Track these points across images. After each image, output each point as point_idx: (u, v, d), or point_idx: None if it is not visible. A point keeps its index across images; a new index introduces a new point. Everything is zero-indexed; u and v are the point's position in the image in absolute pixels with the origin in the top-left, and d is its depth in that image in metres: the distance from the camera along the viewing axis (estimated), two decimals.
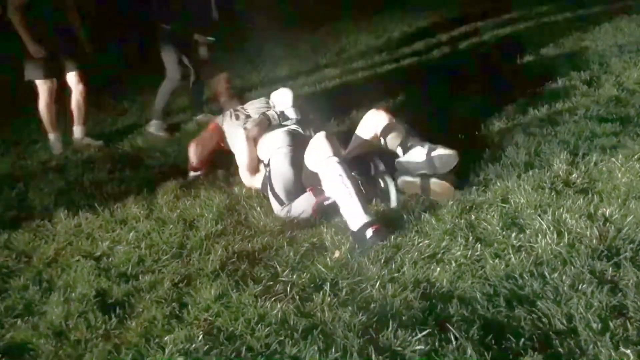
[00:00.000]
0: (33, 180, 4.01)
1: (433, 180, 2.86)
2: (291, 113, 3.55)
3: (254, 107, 3.74)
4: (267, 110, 3.58)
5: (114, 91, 6.86)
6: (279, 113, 3.54)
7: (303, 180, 3.00)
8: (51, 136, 4.81)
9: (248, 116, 3.63)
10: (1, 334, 2.24)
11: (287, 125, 3.42)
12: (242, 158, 3.34)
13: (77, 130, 4.94)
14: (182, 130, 5.00)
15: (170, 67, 4.76)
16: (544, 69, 4.94)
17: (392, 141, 3.04)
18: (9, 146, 5.12)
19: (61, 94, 4.77)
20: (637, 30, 5.71)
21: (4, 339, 2.21)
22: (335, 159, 2.75)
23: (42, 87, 4.56)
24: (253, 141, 3.33)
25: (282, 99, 3.63)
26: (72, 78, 4.70)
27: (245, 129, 3.33)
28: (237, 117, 3.63)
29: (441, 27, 7.80)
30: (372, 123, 3.11)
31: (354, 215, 2.58)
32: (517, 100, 4.20)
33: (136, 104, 6.35)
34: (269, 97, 3.82)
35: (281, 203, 2.97)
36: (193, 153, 3.69)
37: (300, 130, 3.39)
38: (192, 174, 3.72)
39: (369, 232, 2.50)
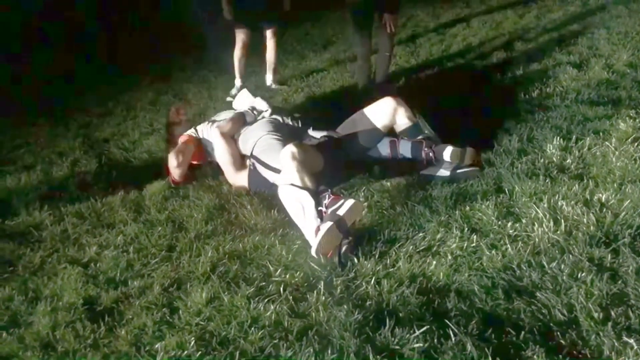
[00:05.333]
0: (17, 186, 3.92)
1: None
2: (261, 104, 3.56)
3: (224, 115, 3.73)
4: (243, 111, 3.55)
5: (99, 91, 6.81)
6: (251, 109, 3.53)
7: None
8: (237, 81, 5.69)
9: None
10: None
11: (264, 117, 3.44)
12: (222, 156, 3.29)
13: (269, 78, 5.81)
14: None
15: None
16: (532, 54, 4.91)
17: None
18: None
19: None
20: (624, 11, 5.67)
21: None
22: (291, 189, 2.56)
23: (238, 37, 5.46)
24: (231, 138, 3.31)
25: (243, 99, 3.68)
26: (269, 33, 5.53)
27: (218, 126, 3.34)
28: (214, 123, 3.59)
29: (430, 16, 7.77)
30: (392, 117, 3.14)
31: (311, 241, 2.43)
32: (507, 86, 4.16)
33: (121, 105, 6.26)
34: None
35: (279, 172, 2.84)
36: (175, 165, 3.40)
37: (278, 118, 3.40)
38: None
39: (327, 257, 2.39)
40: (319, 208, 2.45)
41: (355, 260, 2.31)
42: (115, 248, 2.78)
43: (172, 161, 3.39)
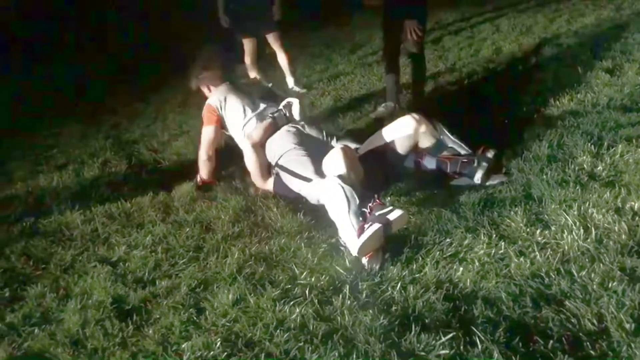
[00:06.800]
0: (50, 185, 4.01)
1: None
2: (296, 113, 3.40)
3: (259, 95, 3.60)
4: (276, 111, 3.39)
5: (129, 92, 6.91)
6: (286, 114, 3.39)
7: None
8: None
9: (254, 103, 3.48)
10: (19, 343, 2.22)
11: (290, 126, 3.30)
12: (251, 164, 3.24)
13: (290, 81, 5.79)
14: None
15: None
16: (563, 59, 4.83)
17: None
18: (25, 152, 5.14)
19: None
20: None
21: (21, 348, 2.19)
22: (337, 181, 2.55)
23: (245, 45, 5.47)
24: (261, 147, 3.23)
25: (293, 109, 3.46)
26: (271, 38, 5.53)
27: (249, 137, 3.24)
28: (243, 110, 3.42)
29: (459, 20, 7.72)
30: (413, 138, 3.06)
31: (351, 240, 2.42)
32: (537, 91, 4.10)
33: (150, 106, 6.34)
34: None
35: (309, 180, 2.86)
36: (206, 168, 3.49)
37: (303, 130, 3.28)
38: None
39: (364, 259, 2.37)
40: (363, 209, 2.46)
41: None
42: (144, 248, 2.82)
43: (205, 164, 3.44)
